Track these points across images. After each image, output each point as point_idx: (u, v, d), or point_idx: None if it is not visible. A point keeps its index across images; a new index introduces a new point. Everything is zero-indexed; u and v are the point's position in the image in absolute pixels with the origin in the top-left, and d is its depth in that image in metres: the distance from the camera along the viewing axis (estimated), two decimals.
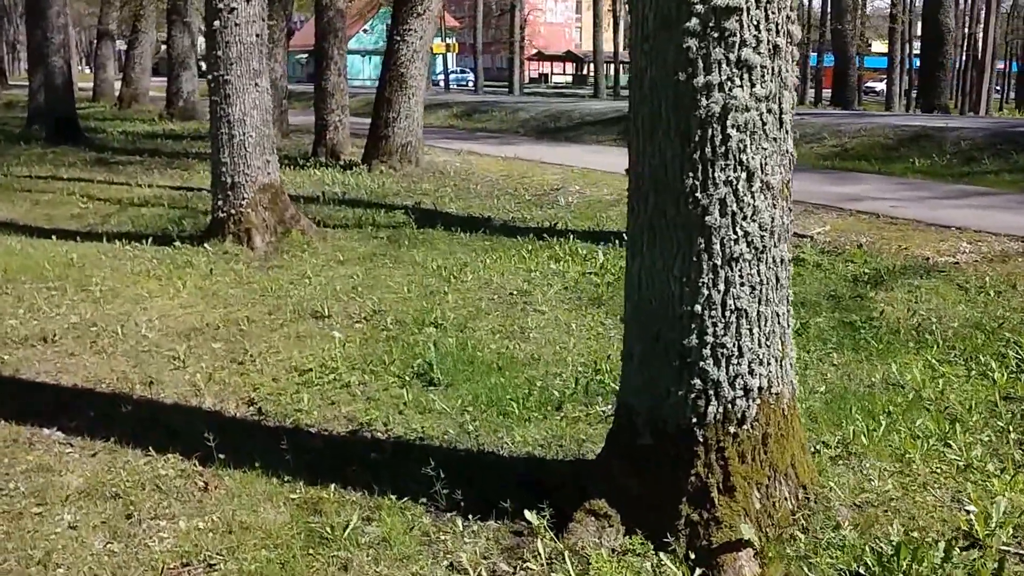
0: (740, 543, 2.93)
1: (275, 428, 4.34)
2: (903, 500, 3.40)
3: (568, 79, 71.65)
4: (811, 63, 52.62)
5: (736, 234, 2.89)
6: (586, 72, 67.60)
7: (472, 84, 46.52)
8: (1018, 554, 3.05)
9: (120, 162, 14.19)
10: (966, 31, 44.09)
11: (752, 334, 2.94)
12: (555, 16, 76.13)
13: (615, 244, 7.78)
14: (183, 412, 4.54)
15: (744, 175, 2.87)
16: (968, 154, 12.39)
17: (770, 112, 2.86)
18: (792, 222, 3.07)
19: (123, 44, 40.96)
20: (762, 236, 2.91)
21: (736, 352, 2.94)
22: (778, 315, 3.00)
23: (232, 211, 7.87)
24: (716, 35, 2.79)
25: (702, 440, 2.98)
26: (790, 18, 2.86)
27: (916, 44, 36.39)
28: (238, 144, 7.75)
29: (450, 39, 45.93)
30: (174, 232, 8.53)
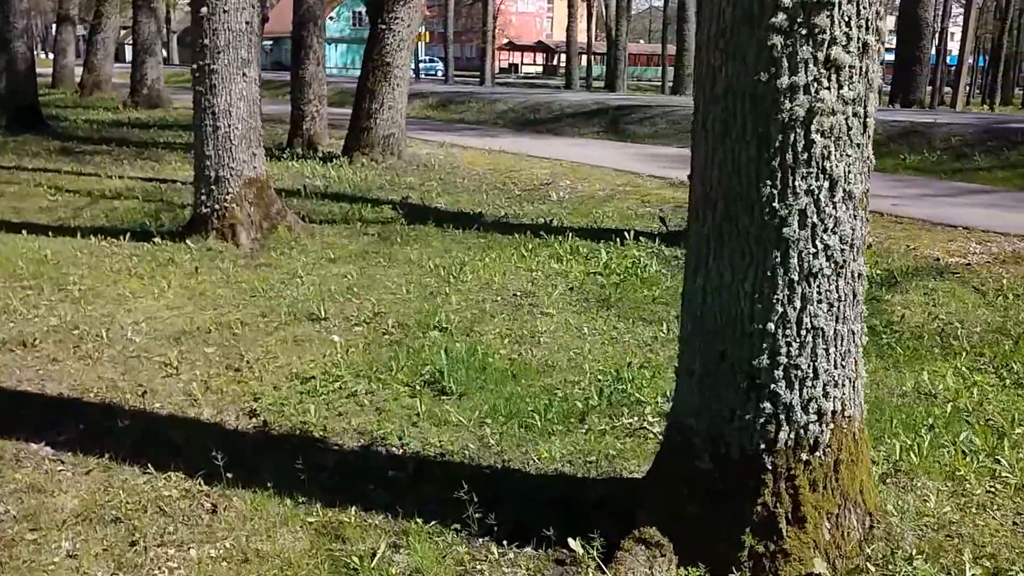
0: None
1: (282, 442, 4.05)
2: (963, 524, 3.21)
3: (538, 70, 71.34)
4: None
5: (815, 247, 2.67)
6: (557, 63, 67.40)
7: (442, 74, 45.99)
8: None
9: (87, 152, 13.67)
10: (937, 26, 44.48)
11: (828, 354, 2.73)
12: (526, 6, 75.72)
13: (616, 242, 7.57)
14: (180, 424, 4.23)
15: (827, 184, 2.65)
16: (959, 150, 12.36)
17: (856, 116, 2.64)
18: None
19: (83, 29, 39.91)
20: (842, 249, 2.69)
21: (811, 374, 2.72)
22: (853, 333, 2.79)
23: (216, 206, 7.52)
24: (804, 32, 2.56)
25: (771, 467, 2.76)
26: (879, 14, 2.64)
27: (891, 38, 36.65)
28: (223, 136, 7.40)
29: (422, 28, 45.32)
30: (152, 227, 8.15)
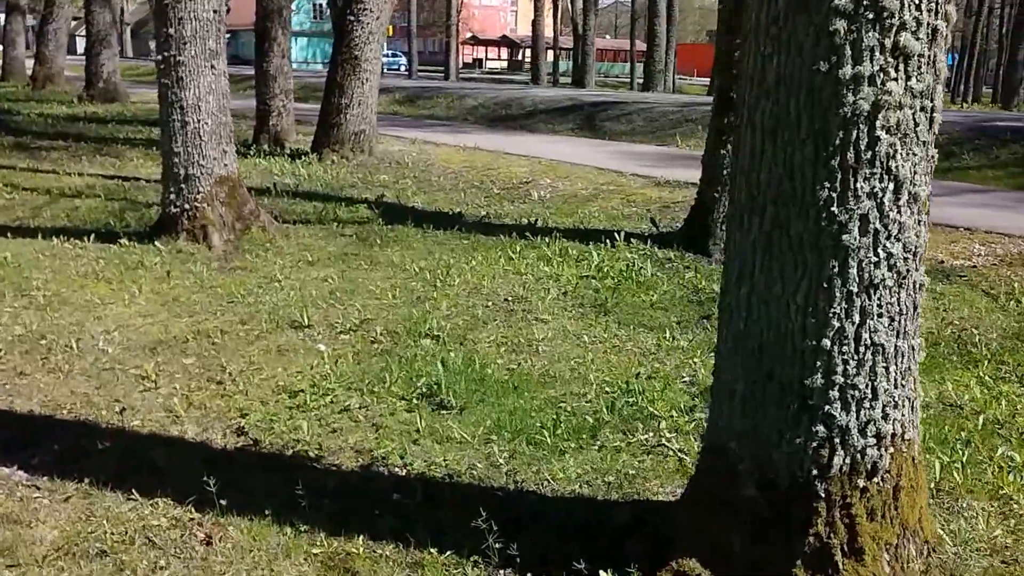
0: None
1: (275, 463, 3.78)
2: (1018, 549, 3.04)
3: (503, 65, 70.94)
4: None
5: (877, 256, 2.46)
6: (522, 58, 67.02)
7: (405, 68, 45.43)
8: None
9: (42, 147, 13.10)
10: None
11: (888, 373, 2.52)
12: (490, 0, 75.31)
13: (606, 244, 7.36)
14: (163, 444, 3.93)
15: (891, 186, 2.44)
16: (947, 149, 12.27)
17: (923, 111, 2.43)
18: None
19: (33, 19, 38.76)
20: (905, 258, 2.49)
21: (869, 394, 2.51)
22: (913, 349, 2.59)
23: (186, 206, 7.16)
24: (871, 16, 2.34)
25: (824, 495, 2.55)
26: None
27: None
28: (192, 132, 7.04)
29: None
30: (118, 227, 7.76)
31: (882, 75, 2.37)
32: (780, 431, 2.57)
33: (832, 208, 2.44)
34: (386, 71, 49.01)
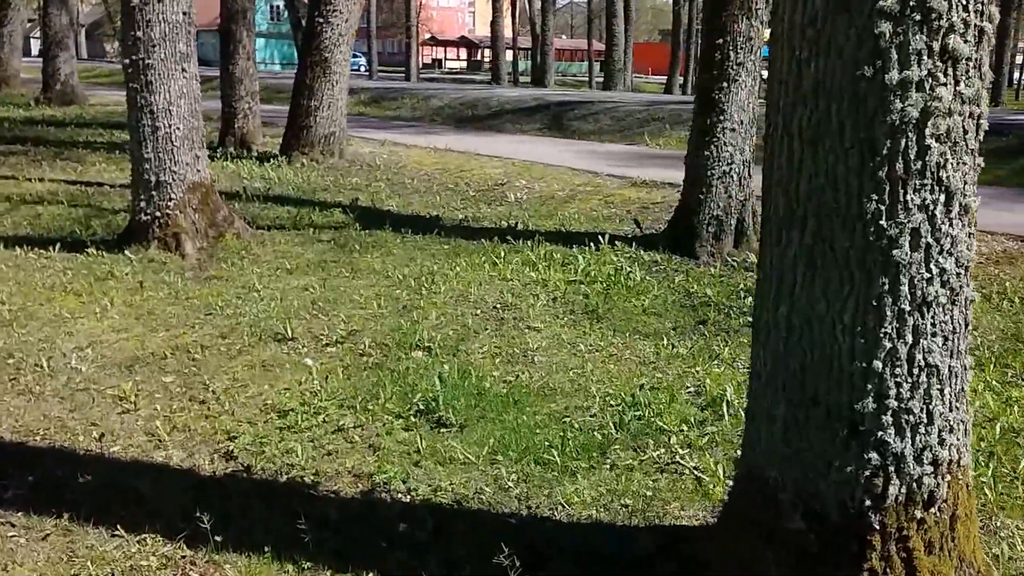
0: None
1: (269, 491, 3.56)
2: None
3: (462, 65, 70.64)
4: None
5: (930, 272, 2.32)
6: (480, 58, 66.83)
7: (365, 69, 44.92)
8: None
9: (0, 152, 12.66)
10: None
11: (943, 395, 2.38)
12: (448, 0, 74.88)
13: (591, 247, 7.20)
14: (147, 472, 3.69)
15: (942, 197, 2.30)
16: None
17: (972, 117, 2.30)
18: None
19: None
20: (958, 273, 2.35)
21: (924, 418, 2.37)
22: (965, 369, 2.45)
23: (158, 213, 6.87)
24: (918, 17, 2.19)
25: (879, 527, 2.40)
26: None
27: None
28: (163, 137, 6.76)
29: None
30: (84, 236, 7.45)
31: (931, 80, 2.24)
32: (828, 459, 2.41)
33: (881, 221, 2.30)
34: None
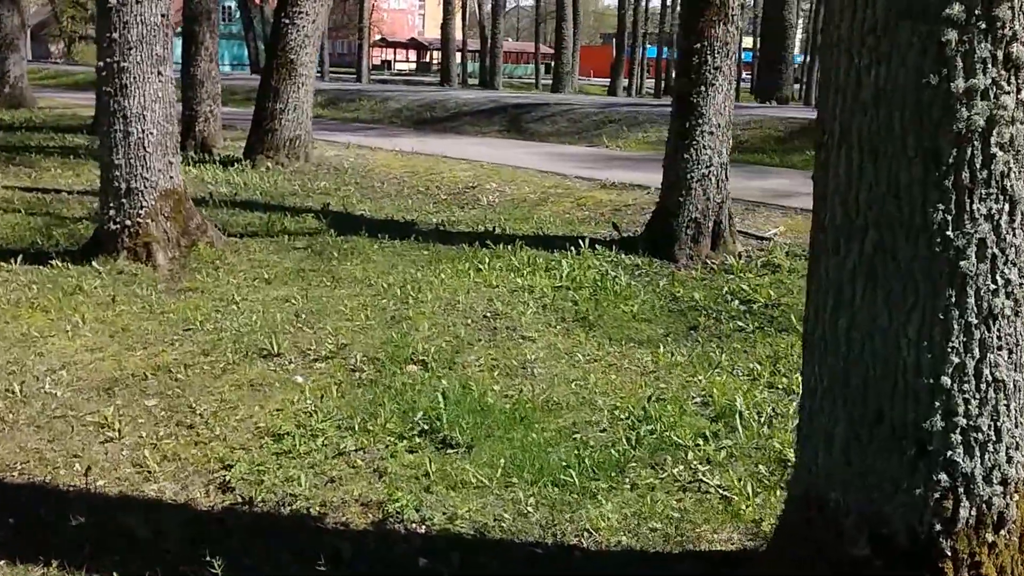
0: None
1: (273, 526, 3.35)
2: None
3: (412, 67, 70.29)
4: (649, 55, 53.70)
5: (996, 283, 2.21)
6: (430, 60, 66.61)
7: (316, 70, 44.52)
8: None
9: None
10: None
11: (1009, 411, 2.27)
12: (398, 3, 74.29)
13: (572, 252, 7.06)
14: (139, 509, 3.45)
15: (1007, 207, 2.20)
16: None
17: None
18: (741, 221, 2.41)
19: None
20: (1021, 284, 2.25)
21: (992, 436, 2.26)
22: None
23: (128, 222, 6.57)
24: (983, 26, 2.10)
25: (950, 552, 2.28)
26: None
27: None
28: (135, 143, 6.47)
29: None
30: (46, 246, 7.12)
31: (995, 88, 2.15)
32: (895, 481, 2.29)
33: (947, 232, 2.19)
34: None
